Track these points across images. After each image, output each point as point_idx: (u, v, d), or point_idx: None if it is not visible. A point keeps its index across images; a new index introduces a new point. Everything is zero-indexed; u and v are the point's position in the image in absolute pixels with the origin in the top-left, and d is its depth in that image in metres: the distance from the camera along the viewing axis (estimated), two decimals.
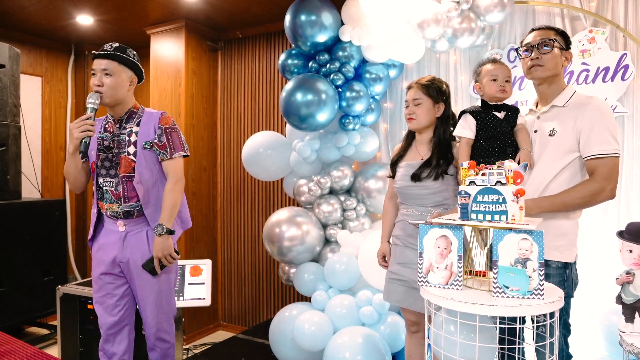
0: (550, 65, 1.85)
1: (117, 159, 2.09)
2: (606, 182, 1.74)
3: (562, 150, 1.81)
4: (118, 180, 2.08)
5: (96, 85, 2.03)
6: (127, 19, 3.80)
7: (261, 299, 4.08)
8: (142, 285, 2.11)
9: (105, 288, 2.13)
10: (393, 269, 2.15)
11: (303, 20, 2.86)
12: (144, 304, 2.12)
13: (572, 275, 1.81)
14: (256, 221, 4.09)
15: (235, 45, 4.18)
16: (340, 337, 2.51)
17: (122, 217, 2.09)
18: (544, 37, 1.86)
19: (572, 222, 1.83)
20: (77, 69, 4.66)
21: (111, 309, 2.11)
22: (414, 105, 2.10)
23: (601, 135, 1.75)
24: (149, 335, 2.16)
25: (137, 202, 2.08)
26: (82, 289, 3.06)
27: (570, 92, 1.87)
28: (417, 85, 2.12)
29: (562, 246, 1.78)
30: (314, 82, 2.84)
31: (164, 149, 2.11)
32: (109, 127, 2.14)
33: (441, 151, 2.06)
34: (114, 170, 2.09)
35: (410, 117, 2.11)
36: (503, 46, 2.91)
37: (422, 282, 1.56)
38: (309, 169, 3.15)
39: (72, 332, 3.06)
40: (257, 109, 4.08)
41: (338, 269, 2.78)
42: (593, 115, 1.77)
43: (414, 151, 2.18)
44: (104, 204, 2.11)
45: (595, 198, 1.76)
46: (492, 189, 1.49)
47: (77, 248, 4.61)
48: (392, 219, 2.29)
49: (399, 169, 2.17)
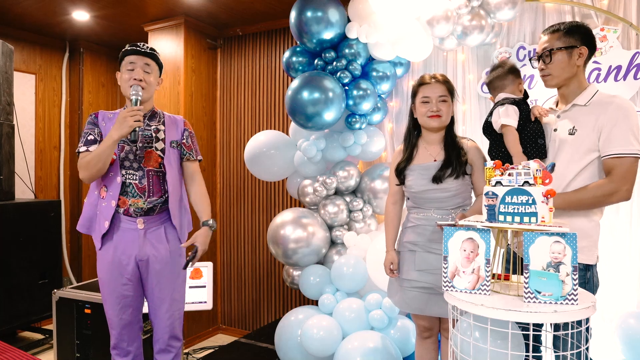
0: (557, 73, 1.84)
1: (142, 153, 2.08)
2: (622, 182, 1.70)
3: (583, 150, 1.77)
4: (143, 174, 2.07)
5: (137, 79, 2.05)
6: (125, 15, 3.70)
7: (262, 302, 3.99)
8: (161, 282, 2.11)
9: (120, 289, 2.08)
10: (410, 276, 2.03)
11: (309, 16, 2.79)
12: (159, 302, 2.12)
13: (593, 278, 1.77)
14: (257, 222, 4.01)
15: (235, 43, 4.10)
16: (351, 342, 2.44)
17: (143, 214, 2.07)
18: (546, 47, 1.85)
19: (594, 223, 1.79)
20: (71, 67, 4.54)
21: (126, 309, 2.09)
22: (440, 101, 2.00)
23: (622, 135, 1.71)
24: (162, 335, 2.14)
25: (160, 197, 2.10)
26: (79, 292, 2.97)
27: (593, 91, 1.83)
28: (439, 82, 2.01)
29: (584, 248, 1.74)
30: (321, 80, 2.77)
31: (190, 150, 2.23)
32: None
33: (455, 149, 2.00)
34: (138, 164, 2.07)
35: (436, 115, 1.98)
36: (512, 45, 2.86)
37: (447, 286, 1.49)
38: (314, 169, 3.08)
39: (68, 337, 2.97)
40: (257, 108, 4.01)
41: (346, 272, 2.71)
42: (615, 114, 1.72)
43: (423, 153, 2.07)
44: (126, 199, 2.05)
45: (608, 198, 1.73)
46: (522, 190, 1.43)
47: (71, 250, 4.49)
48: (397, 226, 2.19)
49: (411, 173, 2.05)
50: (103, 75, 4.69)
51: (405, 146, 2.13)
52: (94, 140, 2.04)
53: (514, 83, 2.00)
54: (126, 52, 2.09)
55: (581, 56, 1.82)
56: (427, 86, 2.03)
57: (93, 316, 2.91)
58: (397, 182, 2.12)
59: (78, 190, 4.53)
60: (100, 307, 2.87)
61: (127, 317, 2.09)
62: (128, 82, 2.04)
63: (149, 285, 2.12)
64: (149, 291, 2.13)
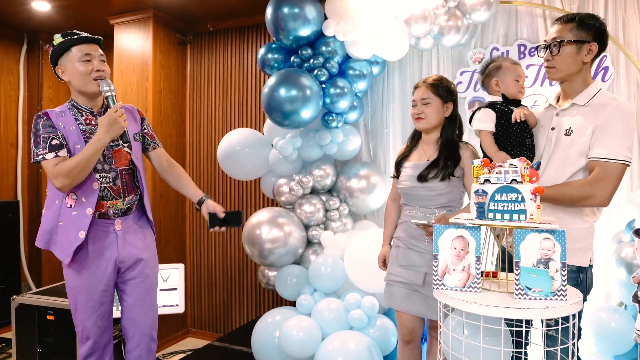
0: (563, 67, 1.75)
1: (110, 153, 1.96)
2: (599, 188, 1.65)
3: (577, 152, 1.72)
4: (116, 174, 1.96)
5: (99, 70, 1.91)
6: (89, 6, 3.53)
7: (233, 304, 3.91)
8: (145, 282, 2.04)
9: (97, 296, 1.95)
10: (394, 271, 2.08)
11: (286, 12, 2.74)
12: (140, 303, 2.03)
13: (586, 279, 1.73)
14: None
15: (205, 39, 3.99)
16: (331, 343, 2.41)
17: (121, 215, 1.98)
18: (556, 37, 1.75)
19: (588, 225, 1.75)
20: (30, 60, 4.30)
21: (102, 316, 1.97)
22: (423, 104, 2.05)
23: (611, 138, 1.64)
24: (142, 339, 2.03)
25: (135, 195, 2.03)
26: (40, 298, 2.83)
27: (594, 91, 1.75)
28: (426, 85, 2.06)
29: (577, 250, 1.69)
30: (298, 78, 2.73)
31: (153, 138, 2.17)
32: (87, 120, 1.96)
33: (448, 152, 2.02)
34: (109, 165, 1.96)
35: (419, 117, 2.05)
36: (486, 46, 2.91)
37: (438, 285, 1.49)
38: (290, 167, 3.03)
39: (29, 346, 2.82)
40: (229, 106, 3.92)
41: (324, 272, 2.68)
42: (611, 116, 1.67)
43: (420, 151, 2.13)
44: (105, 203, 1.93)
45: (585, 201, 1.69)
46: (511, 187, 1.44)
47: (30, 254, 4.26)
48: (395, 221, 2.22)
49: (404, 169, 2.12)
50: None
51: (408, 143, 2.22)
52: (59, 144, 1.85)
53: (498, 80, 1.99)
54: (72, 42, 1.89)
55: (590, 52, 1.73)
56: (416, 90, 2.11)
57: (56, 323, 2.77)
58: (395, 174, 2.19)
59: (37, 191, 4.30)
60: (65, 313, 2.74)
61: (104, 324, 1.98)
62: (90, 76, 1.89)
63: (128, 287, 2.02)
64: (127, 293, 2.02)
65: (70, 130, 1.89)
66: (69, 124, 1.90)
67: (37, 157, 1.85)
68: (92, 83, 1.91)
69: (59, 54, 1.91)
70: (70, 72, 1.91)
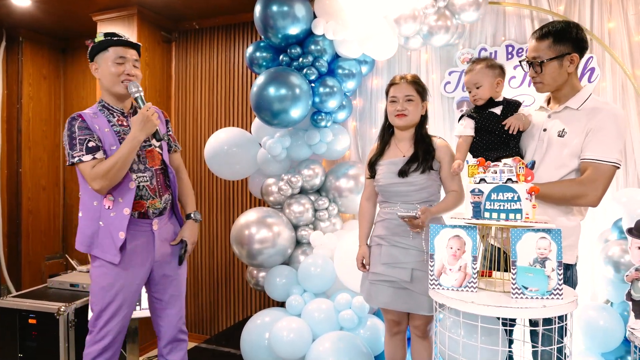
0: (549, 81, 1.81)
1: (144, 153, 1.99)
2: (591, 188, 1.69)
3: (570, 153, 1.75)
4: (152, 174, 2.00)
5: (129, 74, 1.94)
6: (71, 2, 3.45)
7: (220, 305, 3.86)
8: (178, 278, 2.10)
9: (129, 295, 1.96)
10: (377, 270, 2.06)
11: (275, 11, 2.71)
12: (173, 300, 2.09)
13: (572, 277, 1.79)
14: (214, 223, 3.87)
15: (191, 37, 3.94)
16: (322, 344, 2.39)
17: (158, 215, 2.00)
18: (536, 56, 1.81)
19: (574, 223, 1.80)
20: (9, 57, 4.18)
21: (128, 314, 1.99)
22: (406, 101, 2.05)
23: (604, 141, 1.69)
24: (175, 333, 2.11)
25: (169, 194, 2.07)
26: (22, 301, 2.76)
27: (586, 95, 1.80)
28: (407, 82, 2.06)
29: (565, 247, 1.69)
30: (288, 76, 2.70)
31: (175, 141, 2.22)
32: (119, 121, 1.97)
33: (425, 145, 2.04)
34: (144, 165, 1.99)
35: (401, 114, 2.04)
36: (474, 46, 2.93)
37: (434, 284, 1.48)
38: (278, 167, 3.00)
39: (10, 350, 2.74)
40: (215, 105, 3.87)
41: (314, 272, 2.66)
42: (604, 120, 1.71)
43: (393, 149, 2.13)
44: (144, 202, 1.95)
45: (576, 200, 1.73)
46: (507, 187, 1.44)
47: (9, 255, 4.14)
48: (371, 221, 2.21)
49: (380, 168, 2.12)
50: (45, 67, 4.35)
51: (378, 142, 2.20)
52: (96, 147, 1.85)
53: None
54: (111, 42, 1.93)
55: (572, 62, 1.79)
56: (396, 86, 2.09)
57: (39, 326, 2.69)
58: (369, 175, 2.18)
59: (17, 190, 4.18)
60: (48, 316, 2.67)
61: (125, 324, 1.99)
62: (119, 78, 1.92)
63: (161, 286, 2.07)
64: (161, 292, 2.07)
65: (104, 132, 1.90)
66: (103, 126, 1.91)
67: (72, 159, 1.84)
68: (119, 85, 1.93)
69: (96, 51, 1.95)
70: (102, 70, 1.94)
